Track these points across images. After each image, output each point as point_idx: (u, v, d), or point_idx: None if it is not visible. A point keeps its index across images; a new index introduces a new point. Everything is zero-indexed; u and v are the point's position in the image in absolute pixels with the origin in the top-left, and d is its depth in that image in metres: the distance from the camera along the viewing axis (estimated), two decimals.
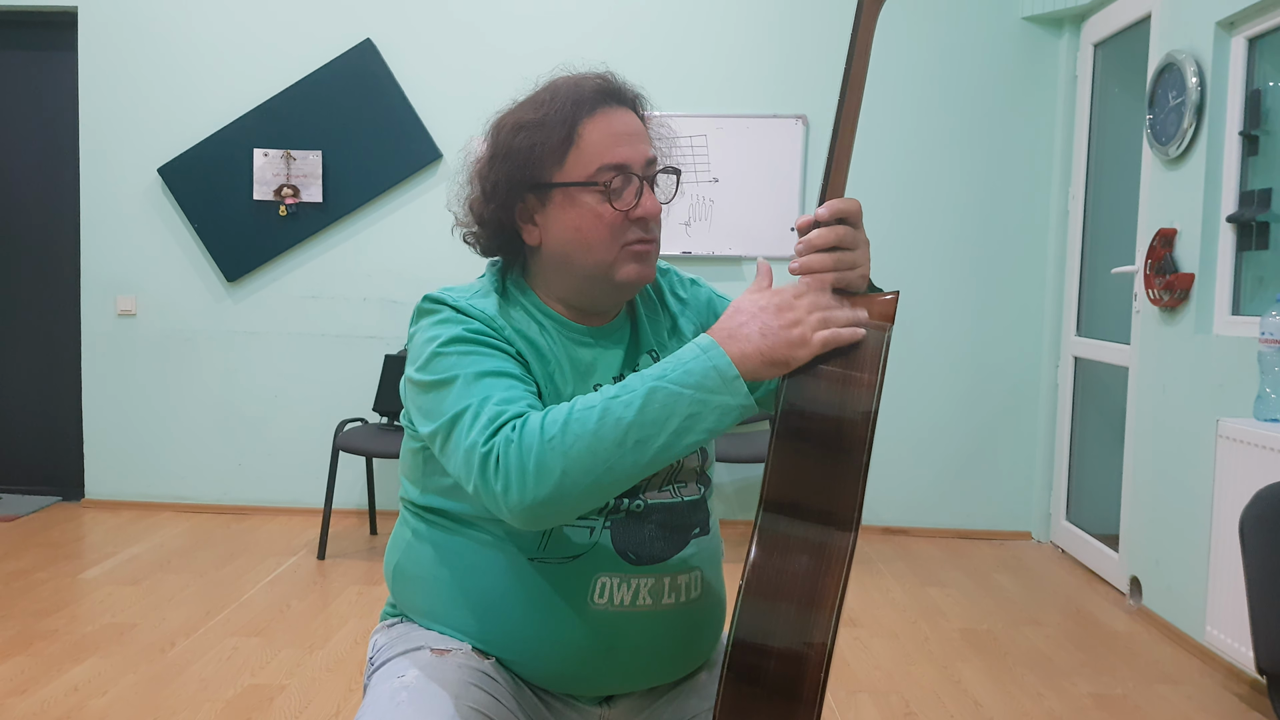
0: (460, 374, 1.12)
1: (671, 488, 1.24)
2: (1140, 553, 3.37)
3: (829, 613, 1.00)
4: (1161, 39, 3.33)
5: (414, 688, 1.14)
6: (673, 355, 1.07)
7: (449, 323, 1.17)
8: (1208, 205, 3.05)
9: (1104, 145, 3.97)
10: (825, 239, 1.10)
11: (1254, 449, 2.56)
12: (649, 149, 1.21)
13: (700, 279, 1.41)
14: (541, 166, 1.17)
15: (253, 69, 4.26)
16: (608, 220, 1.17)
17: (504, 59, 4.18)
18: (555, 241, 1.21)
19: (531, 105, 1.20)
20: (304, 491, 4.30)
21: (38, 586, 3.34)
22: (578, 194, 1.17)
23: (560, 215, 1.19)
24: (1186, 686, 2.75)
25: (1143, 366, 3.40)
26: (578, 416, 1.03)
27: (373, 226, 4.29)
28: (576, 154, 1.17)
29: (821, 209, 1.11)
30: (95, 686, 2.58)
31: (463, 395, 1.10)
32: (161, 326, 4.37)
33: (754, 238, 4.19)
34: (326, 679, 2.66)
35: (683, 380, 1.03)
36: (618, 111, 1.20)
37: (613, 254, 1.19)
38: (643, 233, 1.20)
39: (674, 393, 1.02)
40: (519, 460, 1.02)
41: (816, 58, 4.17)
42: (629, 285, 1.22)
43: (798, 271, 1.10)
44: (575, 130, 1.17)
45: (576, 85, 1.20)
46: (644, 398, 1.02)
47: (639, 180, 1.18)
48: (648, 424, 1.02)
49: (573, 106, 1.17)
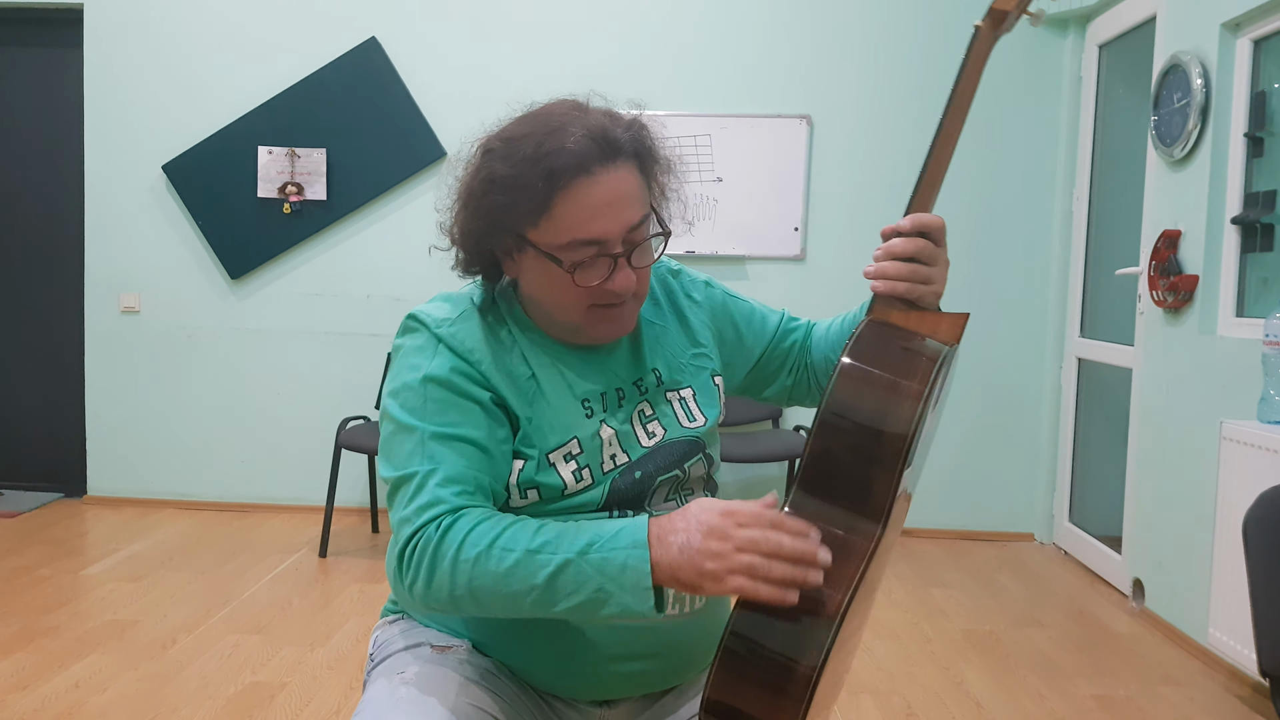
0: (420, 428, 1.10)
1: (678, 497, 1.22)
2: (1143, 555, 3.36)
3: (838, 603, 0.99)
4: (1166, 40, 3.33)
5: (414, 684, 1.14)
6: (613, 529, 1.02)
7: (425, 353, 1.14)
8: (1212, 207, 3.04)
9: (1108, 146, 3.96)
10: (905, 249, 1.09)
11: (1258, 451, 2.55)
12: (634, 213, 1.12)
13: (714, 279, 1.38)
14: (517, 222, 1.11)
15: (257, 67, 4.26)
16: (573, 291, 1.12)
17: (509, 59, 4.18)
18: (528, 286, 1.18)
19: (506, 157, 1.10)
20: (306, 489, 4.30)
21: (39, 583, 3.35)
22: (545, 259, 1.12)
23: (533, 268, 1.14)
24: (1189, 688, 2.75)
25: (1147, 368, 3.39)
26: (496, 553, 1.02)
27: (377, 224, 4.29)
28: (550, 222, 1.09)
29: (905, 220, 1.10)
30: (96, 683, 2.58)
31: (414, 456, 1.09)
32: (165, 323, 4.37)
33: (757, 237, 4.19)
34: (328, 677, 2.66)
35: (600, 566, 1.00)
36: (601, 178, 1.09)
37: (578, 316, 1.15)
38: (614, 299, 1.14)
39: (587, 575, 1.00)
40: (430, 565, 1.04)
41: (821, 58, 4.16)
42: (602, 343, 1.20)
43: (872, 275, 1.10)
44: (550, 200, 1.08)
45: (558, 149, 1.07)
46: (558, 567, 1.01)
47: (611, 260, 1.12)
48: (553, 591, 1.01)
49: (548, 177, 1.07)
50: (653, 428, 1.22)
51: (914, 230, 1.10)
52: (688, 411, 1.25)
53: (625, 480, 1.18)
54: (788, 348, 1.38)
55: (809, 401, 1.41)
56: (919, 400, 1.02)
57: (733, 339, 1.35)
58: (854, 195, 4.18)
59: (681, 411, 1.24)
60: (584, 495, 1.16)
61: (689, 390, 1.26)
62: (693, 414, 1.25)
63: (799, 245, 4.19)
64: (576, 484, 1.15)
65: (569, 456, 1.16)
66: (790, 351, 1.38)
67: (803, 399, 1.41)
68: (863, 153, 4.18)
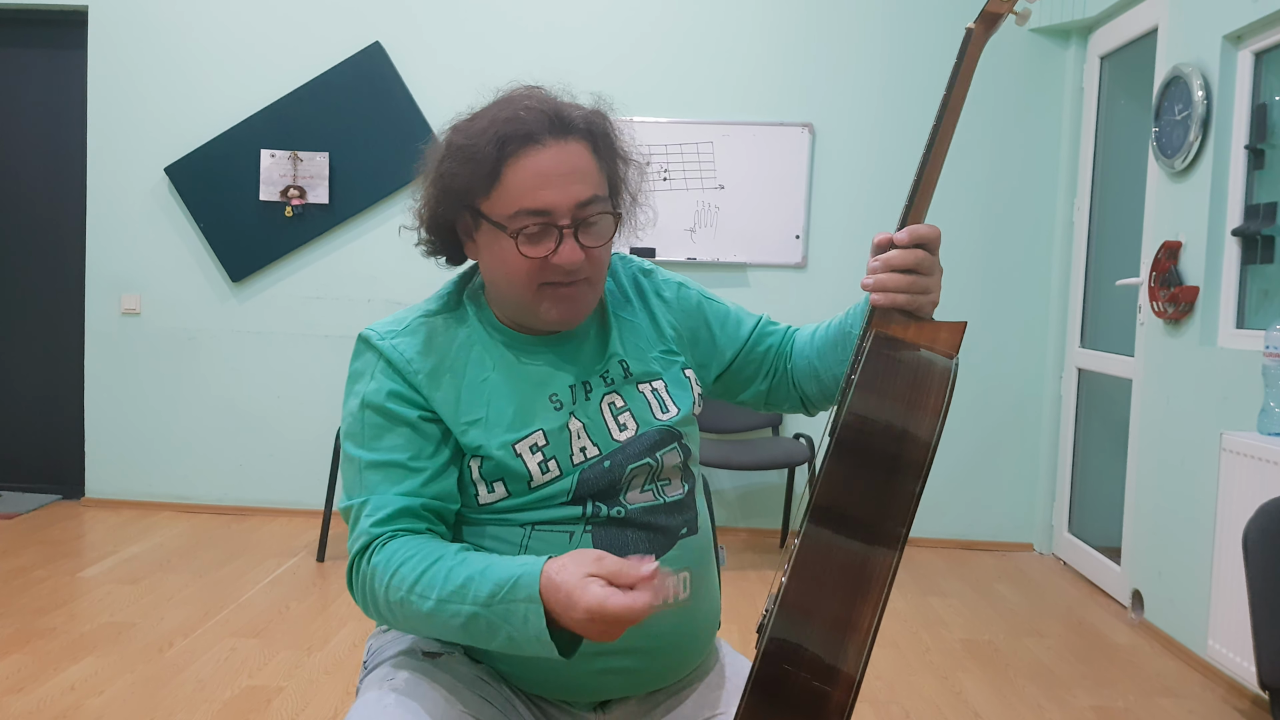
0: (356, 458, 1.18)
1: (654, 487, 1.22)
2: (1142, 566, 3.36)
3: (864, 636, 0.99)
4: (1168, 52, 3.33)
5: (402, 690, 1.14)
6: (512, 577, 1.04)
7: (364, 376, 1.20)
8: (1213, 218, 3.04)
9: (1109, 157, 3.97)
10: (903, 261, 1.09)
11: (1258, 462, 2.55)
12: (584, 189, 1.14)
13: (690, 281, 1.38)
14: (472, 193, 1.15)
15: (261, 70, 4.27)
16: (521, 264, 1.15)
17: (512, 65, 4.19)
18: (485, 267, 1.22)
19: (465, 130, 1.15)
20: (305, 493, 4.30)
21: (37, 584, 3.34)
22: (496, 231, 1.15)
23: (488, 243, 1.18)
24: (1188, 700, 2.74)
25: (1147, 379, 3.39)
26: (415, 600, 1.09)
27: (379, 229, 4.29)
28: (500, 191, 1.13)
29: (901, 232, 1.10)
30: (92, 685, 2.57)
31: (354, 486, 1.18)
32: (165, 326, 4.37)
33: (759, 245, 4.19)
34: (324, 681, 2.65)
35: (506, 616, 1.04)
36: (551, 149, 1.13)
37: (530, 294, 1.17)
38: (562, 277, 1.15)
39: (496, 625, 1.05)
40: (370, 596, 1.14)
41: (823, 66, 4.17)
42: (553, 327, 1.21)
43: (871, 288, 1.10)
44: (499, 169, 1.12)
45: (511, 117, 1.13)
46: (468, 618, 1.07)
47: (558, 230, 1.13)
48: (471, 635, 1.09)
49: (498, 144, 1.11)
50: (624, 419, 1.23)
51: (911, 242, 1.09)
52: (660, 402, 1.26)
53: (594, 471, 1.19)
54: (763, 352, 1.37)
55: (787, 407, 1.40)
56: (938, 417, 1.02)
57: (705, 340, 1.35)
58: (856, 203, 4.18)
59: (655, 401, 1.25)
60: (553, 486, 1.17)
61: (660, 382, 1.27)
62: (665, 405, 1.26)
63: (800, 253, 4.19)
64: (543, 475, 1.17)
65: (534, 448, 1.18)
66: (766, 356, 1.37)
67: (780, 404, 1.40)
68: (864, 161, 4.19)
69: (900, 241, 1.09)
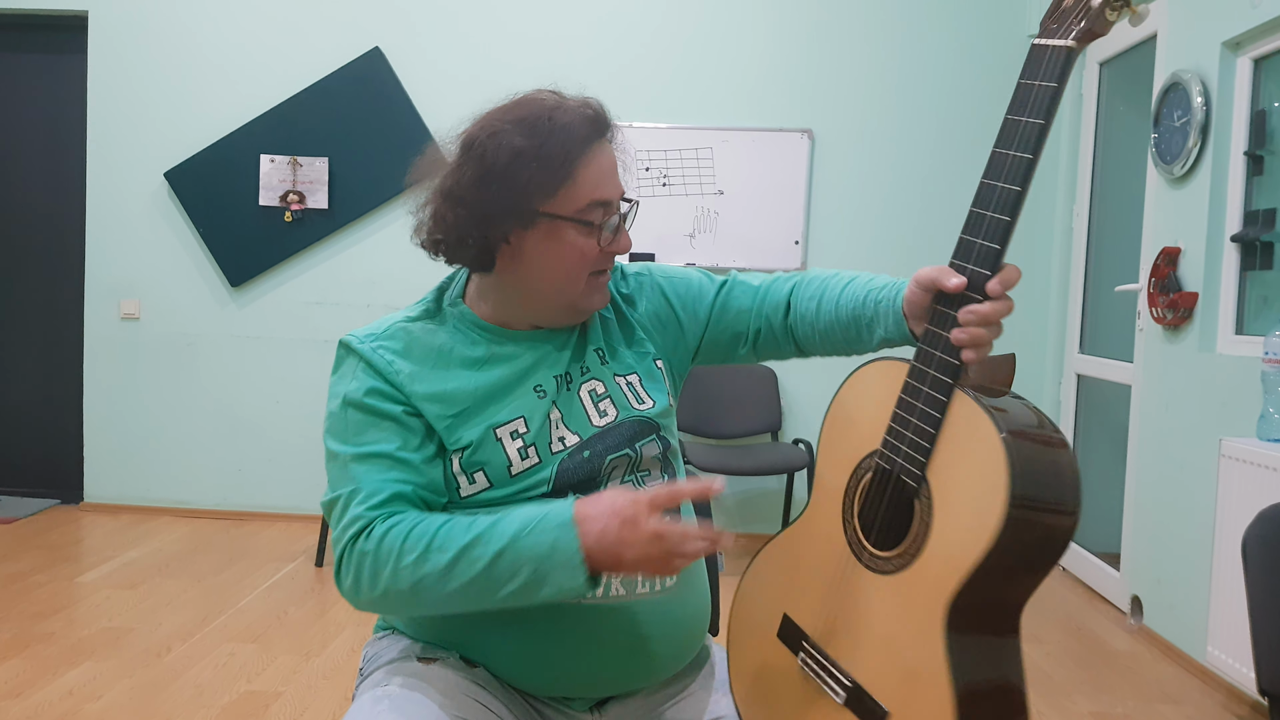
0: (341, 453, 1.18)
1: (634, 479, 1.24)
2: (1142, 572, 3.35)
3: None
4: (1167, 59, 3.34)
5: (396, 696, 1.15)
6: (540, 513, 1.07)
7: (345, 378, 1.21)
8: (1212, 224, 3.05)
9: (1109, 163, 3.98)
10: (999, 314, 1.05)
11: (1257, 469, 2.55)
12: (622, 181, 1.24)
13: (649, 267, 1.38)
14: (534, 195, 1.16)
15: (261, 75, 4.27)
16: (588, 254, 1.20)
17: (512, 70, 4.19)
18: (528, 268, 1.20)
19: (526, 130, 1.16)
20: (303, 498, 4.29)
21: (35, 589, 3.33)
22: (563, 227, 1.18)
23: (541, 244, 1.19)
24: (1187, 707, 2.74)
25: (1146, 385, 3.39)
26: (434, 555, 1.08)
27: (378, 234, 4.30)
28: (570, 188, 1.17)
29: (994, 283, 1.04)
30: (91, 690, 2.57)
31: (340, 479, 1.17)
32: (164, 330, 4.37)
33: (758, 250, 4.19)
34: (323, 686, 2.65)
35: (532, 549, 1.06)
36: (604, 147, 1.21)
37: (581, 284, 1.22)
38: (609, 264, 1.25)
39: (522, 560, 1.06)
40: (371, 570, 1.11)
41: (823, 73, 4.18)
42: (590, 312, 1.27)
43: (965, 343, 1.04)
44: (573, 166, 1.16)
45: (572, 118, 1.18)
46: (494, 557, 1.07)
47: (619, 218, 1.22)
48: (492, 580, 1.07)
49: (572, 142, 1.17)
50: (604, 406, 1.25)
51: (1004, 291, 1.05)
52: (635, 395, 1.27)
53: (574, 461, 1.20)
54: (733, 317, 1.34)
55: (781, 355, 1.37)
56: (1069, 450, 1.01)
57: (672, 323, 1.35)
58: (855, 209, 4.19)
59: (630, 395, 1.27)
60: (533, 476, 1.19)
61: (635, 375, 1.29)
62: (641, 398, 1.27)
63: (800, 258, 4.19)
64: (522, 461, 1.18)
65: (515, 434, 1.19)
66: (739, 319, 1.34)
67: (772, 358, 1.38)
68: (864, 167, 4.19)
69: (994, 293, 1.04)
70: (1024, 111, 1.07)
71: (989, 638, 1.03)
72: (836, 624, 1.13)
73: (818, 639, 1.16)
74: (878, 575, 1.09)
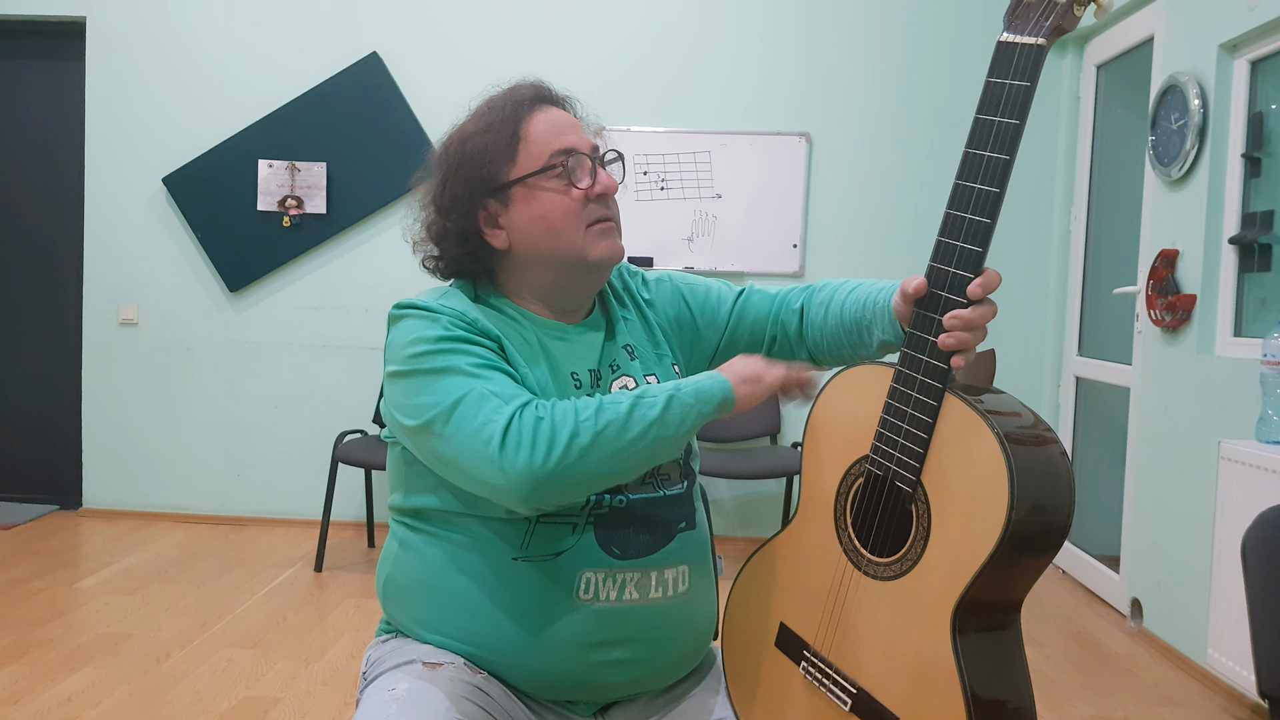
0: (456, 365, 1.14)
1: (654, 481, 1.25)
2: (1141, 574, 3.35)
3: None
4: (1164, 61, 3.34)
5: (404, 700, 1.14)
6: (691, 378, 1.17)
7: (429, 322, 1.19)
8: (1210, 227, 3.05)
9: (1106, 166, 3.98)
10: (984, 318, 1.07)
11: (1256, 471, 2.55)
12: (591, 138, 1.27)
13: (668, 273, 1.43)
14: (496, 167, 1.22)
15: (259, 80, 4.27)
16: (570, 203, 1.22)
17: (510, 73, 4.19)
18: (523, 237, 1.24)
19: (473, 119, 1.27)
20: (302, 503, 4.29)
21: (34, 595, 3.33)
22: (536, 184, 1.22)
23: (524, 210, 1.23)
24: (1187, 709, 2.74)
25: (1144, 387, 3.39)
26: (608, 406, 1.11)
27: (376, 238, 4.30)
28: (526, 148, 1.23)
29: (975, 286, 1.05)
30: (89, 697, 2.56)
31: (463, 383, 1.12)
32: (163, 336, 4.37)
33: (756, 253, 4.19)
34: (322, 692, 2.65)
35: (697, 394, 1.14)
36: (551, 109, 1.27)
37: (580, 236, 1.23)
38: (604, 209, 1.25)
39: (688, 405, 1.13)
40: (549, 433, 1.08)
41: (821, 76, 4.18)
42: (603, 264, 1.26)
43: (953, 347, 1.05)
44: (519, 128, 1.23)
45: (511, 92, 1.27)
46: (666, 401, 1.12)
47: (590, 161, 1.24)
48: (666, 423, 1.12)
49: (513, 108, 1.24)
50: None
51: (986, 295, 1.06)
52: None
53: None
54: (750, 324, 1.40)
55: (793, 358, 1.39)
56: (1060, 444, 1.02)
57: (690, 327, 1.40)
58: (852, 212, 4.19)
59: None
60: None
61: (653, 377, 1.31)
62: None
63: (798, 262, 4.20)
64: None
65: None
66: (756, 326, 1.39)
67: (787, 357, 1.40)
68: (861, 170, 4.19)
69: (975, 296, 1.05)
70: (997, 111, 1.04)
71: (995, 636, 1.03)
72: (837, 631, 1.13)
73: (819, 647, 1.15)
74: (877, 582, 1.09)
